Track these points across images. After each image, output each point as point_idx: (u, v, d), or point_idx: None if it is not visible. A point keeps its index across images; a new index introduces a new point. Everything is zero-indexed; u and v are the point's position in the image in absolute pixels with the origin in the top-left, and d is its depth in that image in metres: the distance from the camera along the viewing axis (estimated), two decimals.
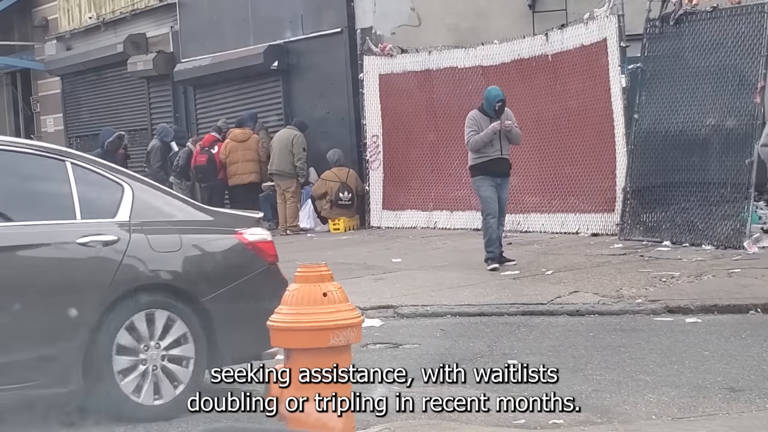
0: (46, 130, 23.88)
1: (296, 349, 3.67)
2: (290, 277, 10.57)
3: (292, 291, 3.77)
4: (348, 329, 3.72)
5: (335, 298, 3.76)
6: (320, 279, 3.82)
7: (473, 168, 10.33)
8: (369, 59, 15.06)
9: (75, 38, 22.16)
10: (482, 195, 10.28)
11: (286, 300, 3.77)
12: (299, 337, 3.67)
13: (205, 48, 18.35)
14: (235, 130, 15.91)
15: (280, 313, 3.75)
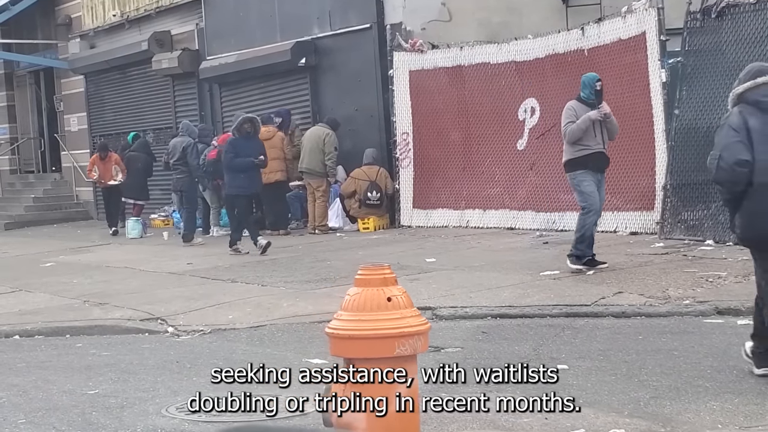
0: (70, 129, 23.74)
1: (358, 358, 3.39)
2: (323, 278, 10.40)
3: (352, 296, 3.49)
4: (414, 337, 3.45)
5: (400, 303, 3.47)
6: (383, 282, 3.53)
7: (573, 162, 9.51)
8: (399, 55, 14.80)
9: (99, 36, 22.00)
10: (585, 190, 9.47)
11: (346, 305, 3.49)
12: (362, 346, 3.39)
13: (231, 45, 18.14)
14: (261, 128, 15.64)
15: (340, 319, 3.48)
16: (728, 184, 5.79)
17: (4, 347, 8.65)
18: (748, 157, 5.65)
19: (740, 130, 5.70)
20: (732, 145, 5.70)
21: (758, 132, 5.69)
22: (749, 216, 5.74)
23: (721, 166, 5.73)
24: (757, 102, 5.76)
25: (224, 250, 13.96)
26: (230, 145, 13.35)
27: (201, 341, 8.33)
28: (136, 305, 9.90)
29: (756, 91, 5.78)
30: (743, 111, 5.77)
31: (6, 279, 12.74)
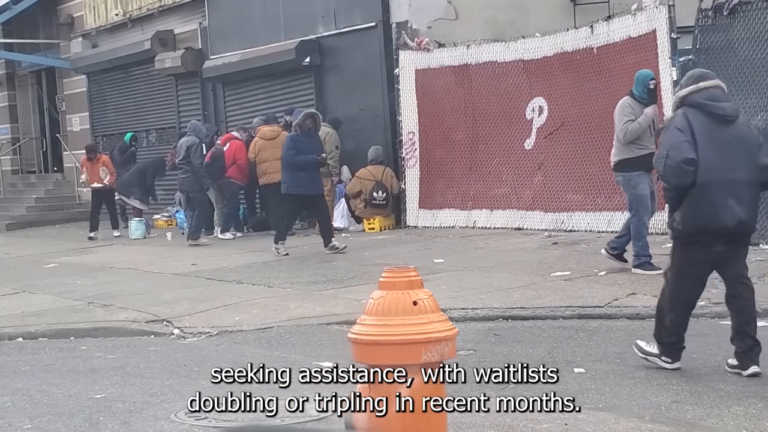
0: (72, 129, 23.61)
1: (383, 365, 3.22)
2: (330, 279, 10.26)
3: (377, 299, 3.33)
4: (442, 343, 3.29)
5: (426, 307, 3.32)
6: (409, 285, 3.37)
7: (629, 163, 9.07)
8: (405, 54, 14.67)
9: (101, 36, 21.87)
10: (641, 193, 9.10)
11: (370, 309, 3.34)
12: (387, 352, 3.22)
13: (235, 44, 18.01)
14: (264, 128, 15.52)
15: (364, 324, 3.33)
16: (674, 181, 6.02)
17: (8, 350, 8.52)
18: (693, 156, 5.92)
19: (685, 131, 5.96)
20: (679, 144, 5.95)
21: (701, 133, 5.97)
22: (691, 211, 6.00)
23: (668, 164, 5.99)
24: (699, 105, 6.04)
25: (229, 251, 13.84)
26: (292, 142, 12.52)
27: (208, 343, 8.20)
28: (141, 307, 9.76)
29: (698, 95, 6.06)
30: (687, 113, 6.04)
31: (9, 280, 12.61)
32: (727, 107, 6.13)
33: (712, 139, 5.99)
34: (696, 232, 6.03)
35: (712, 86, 6.14)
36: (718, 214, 5.96)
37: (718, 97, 6.12)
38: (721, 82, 6.28)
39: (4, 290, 11.74)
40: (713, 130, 6.01)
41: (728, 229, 6.00)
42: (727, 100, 6.24)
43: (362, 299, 9.31)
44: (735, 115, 6.15)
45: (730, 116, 6.10)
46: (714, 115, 6.04)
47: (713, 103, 6.05)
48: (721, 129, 6.04)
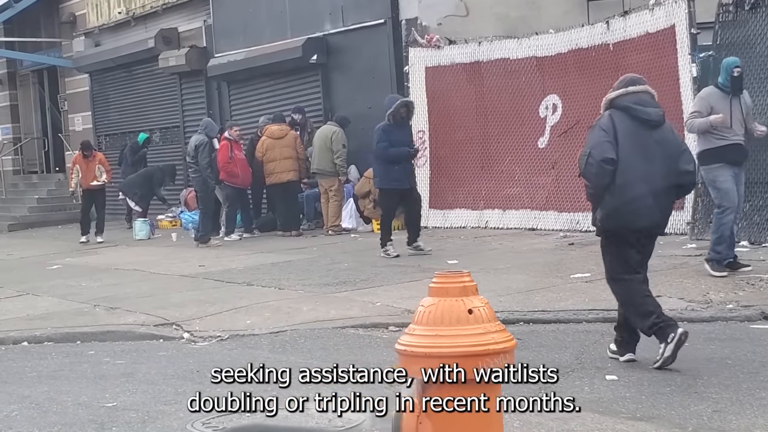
0: (74, 129, 23.37)
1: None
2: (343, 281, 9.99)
3: (427, 307, 3.05)
4: (501, 356, 3.03)
5: (482, 315, 3.05)
6: (463, 292, 3.10)
7: (707, 154, 8.76)
8: (415, 51, 14.41)
9: (104, 34, 21.63)
10: (721, 187, 8.80)
11: (420, 318, 3.06)
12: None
13: (240, 42, 17.77)
14: (272, 127, 15.26)
15: (413, 334, 3.05)
16: (594, 179, 6.26)
17: (13, 354, 8.25)
18: (613, 156, 6.14)
19: (609, 132, 6.19)
20: (601, 144, 6.18)
21: (624, 135, 6.19)
22: (611, 209, 6.25)
23: (589, 162, 6.21)
24: (626, 108, 6.25)
25: (236, 252, 13.59)
26: (383, 133, 11.44)
27: (220, 348, 7.93)
28: (148, 310, 9.50)
29: (626, 98, 6.27)
30: (613, 115, 6.26)
31: (12, 282, 12.35)
32: (652, 112, 6.29)
33: (635, 141, 6.19)
34: (615, 230, 6.31)
35: (641, 91, 6.32)
36: (636, 213, 6.19)
37: (645, 102, 6.29)
38: (650, 88, 6.42)
39: (8, 292, 11.48)
40: (637, 132, 6.21)
41: (645, 228, 6.31)
42: (655, 106, 6.36)
43: (377, 302, 9.11)
44: (659, 120, 6.33)
45: (654, 121, 6.28)
46: (639, 119, 6.24)
47: (639, 107, 6.24)
48: (645, 132, 6.24)
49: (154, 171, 17.92)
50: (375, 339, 7.79)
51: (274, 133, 15.13)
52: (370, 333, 8.06)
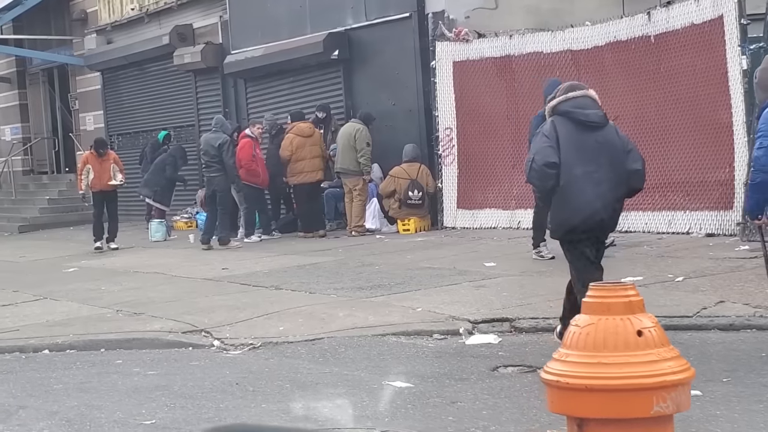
0: (86, 128, 22.88)
1: (597, 419, 2.39)
2: (376, 285, 9.52)
3: (583, 327, 2.48)
4: (678, 388, 2.48)
5: (653, 338, 2.51)
6: (628, 308, 2.51)
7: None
8: (442, 45, 13.91)
9: (116, 31, 21.14)
10: None
11: (575, 341, 2.49)
12: (605, 402, 2.33)
13: (258, 38, 17.27)
14: (300, 125, 14.72)
15: (566, 361, 2.49)
16: (538, 183, 6.57)
17: (35, 364, 7.77)
18: (555, 160, 6.37)
19: (551, 137, 6.41)
20: (543, 149, 6.41)
21: (566, 139, 6.41)
22: (558, 212, 6.56)
23: (533, 167, 6.46)
24: (566, 112, 6.48)
25: (259, 254, 13.10)
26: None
27: (255, 358, 7.44)
28: (175, 315, 9.02)
29: (566, 104, 6.51)
30: (555, 121, 6.50)
31: (28, 285, 11.89)
32: (592, 114, 6.48)
33: (577, 144, 6.40)
34: (565, 231, 6.60)
35: (580, 96, 6.54)
36: (582, 213, 6.42)
37: (585, 105, 6.50)
38: (592, 92, 6.63)
39: (25, 297, 11.02)
40: (579, 135, 6.42)
41: (591, 227, 6.52)
42: (595, 108, 6.53)
43: (417, 307, 8.62)
44: (600, 121, 6.50)
45: (594, 122, 6.46)
46: (579, 122, 6.44)
47: (578, 110, 6.45)
48: (587, 134, 6.44)
49: (164, 158, 17.33)
50: (421, 348, 7.31)
51: (303, 130, 14.62)
52: (413, 341, 7.57)
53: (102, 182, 15.02)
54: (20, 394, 6.53)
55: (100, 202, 15.34)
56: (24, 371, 7.50)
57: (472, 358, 6.79)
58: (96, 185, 15.05)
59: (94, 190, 15.18)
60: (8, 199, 24.11)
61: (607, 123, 6.58)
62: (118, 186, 15.26)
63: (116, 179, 15.12)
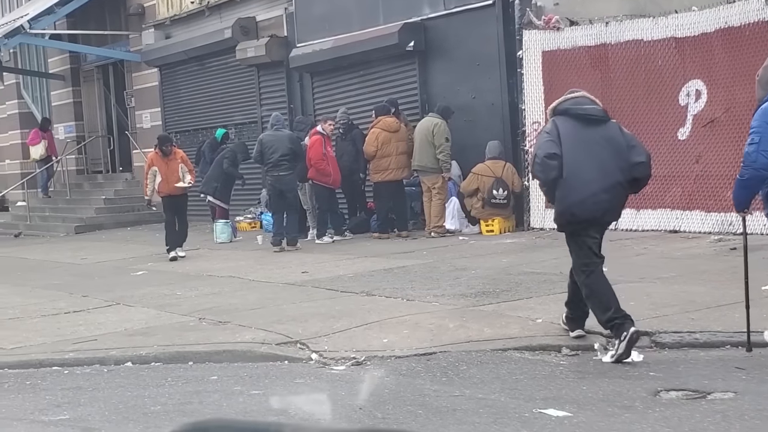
0: (142, 126, 22.31)
1: None
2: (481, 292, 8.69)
3: None
4: None
5: None
6: None
7: None
8: (529, 34, 13.07)
9: (175, 25, 20.51)
10: None
11: None
12: None
13: (325, 30, 16.53)
14: (387, 119, 13.93)
15: None
16: (541, 176, 6.76)
17: (122, 379, 7.05)
18: (556, 151, 6.58)
19: (552, 133, 6.71)
20: (544, 143, 6.71)
21: (567, 134, 6.64)
22: (559, 203, 6.72)
23: (536, 161, 6.74)
24: (565, 110, 6.78)
25: (337, 257, 12.35)
26: None
27: (364, 374, 6.66)
28: (264, 325, 8.27)
29: (565, 103, 6.82)
30: (556, 120, 6.79)
31: (98, 290, 11.23)
32: (589, 108, 6.76)
33: (579, 138, 6.61)
34: (569, 222, 6.78)
35: (578, 96, 6.89)
36: (585, 204, 6.58)
37: (583, 102, 6.81)
38: (587, 93, 6.97)
39: (96, 302, 10.34)
40: (580, 130, 6.64)
41: (594, 217, 6.68)
42: (593, 104, 6.82)
43: (537, 318, 7.78)
44: (600, 115, 6.75)
45: (593, 116, 6.71)
46: (579, 117, 6.69)
47: (577, 106, 6.74)
48: (588, 129, 6.66)
49: (223, 155, 16.61)
50: (555, 366, 6.48)
51: (390, 125, 13.84)
52: (541, 357, 6.76)
53: (170, 185, 13.37)
54: (115, 417, 5.80)
55: (171, 207, 13.72)
56: (111, 388, 6.77)
57: (623, 380, 5.95)
58: (163, 189, 13.45)
59: (163, 194, 13.60)
60: (63, 199, 23.61)
61: (608, 119, 6.81)
62: (186, 188, 13.65)
63: (185, 181, 13.49)
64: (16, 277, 13.41)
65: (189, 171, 13.70)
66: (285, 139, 13.70)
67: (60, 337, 8.54)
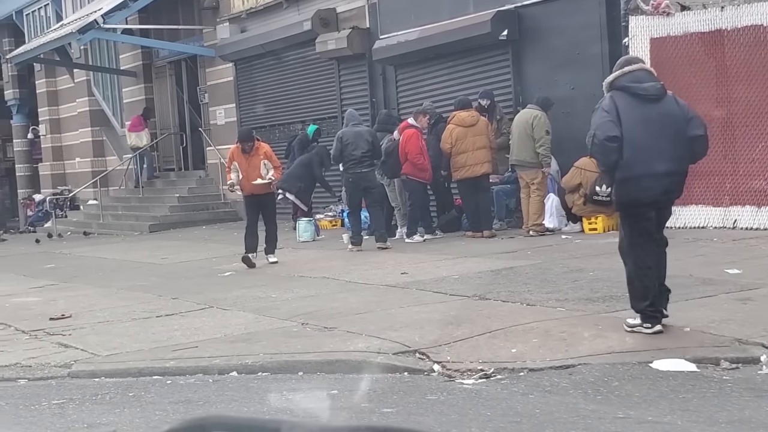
0: (216, 123, 21.87)
1: None
2: (607, 296, 7.98)
3: None
4: None
5: None
6: None
7: None
8: (636, 20, 12.29)
9: (251, 19, 20.01)
10: None
11: None
12: None
13: (410, 21, 15.89)
14: (461, 113, 13.29)
15: None
16: (601, 158, 6.73)
17: (232, 392, 6.46)
18: (617, 133, 6.49)
19: (611, 112, 6.54)
20: (604, 124, 6.55)
21: (625, 113, 6.53)
22: (620, 184, 6.70)
23: (594, 142, 6.61)
24: (624, 87, 6.62)
25: (434, 257, 11.71)
26: None
27: (503, 391, 5.98)
28: (375, 331, 7.63)
29: (623, 79, 6.65)
30: (613, 96, 6.63)
31: (186, 292, 10.71)
32: (649, 87, 6.61)
33: (638, 117, 6.52)
34: (630, 204, 6.73)
35: (637, 69, 6.70)
36: (646, 185, 6.54)
37: (642, 78, 6.65)
38: (646, 65, 6.97)
39: (187, 305, 9.81)
40: (638, 108, 6.54)
41: (656, 198, 6.64)
42: (652, 81, 6.66)
43: (683, 326, 7.06)
44: (658, 93, 6.62)
45: (652, 95, 6.59)
46: (637, 95, 6.58)
47: (635, 84, 6.60)
48: (646, 107, 6.57)
49: (311, 156, 16.09)
50: (720, 382, 5.75)
51: (465, 120, 13.18)
52: (700, 371, 6.02)
53: (250, 183, 12.17)
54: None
55: (253, 207, 12.38)
56: (223, 402, 6.20)
57: None
58: (245, 187, 12.26)
59: (245, 193, 12.42)
60: (135, 197, 23.32)
61: (666, 94, 6.67)
62: (265, 185, 12.17)
63: (266, 178, 12.12)
64: (98, 278, 12.99)
65: (274, 167, 12.27)
66: (365, 134, 13.18)
67: (156, 344, 8.01)
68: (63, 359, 7.70)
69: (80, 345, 8.15)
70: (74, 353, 7.87)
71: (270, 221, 12.47)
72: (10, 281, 13.60)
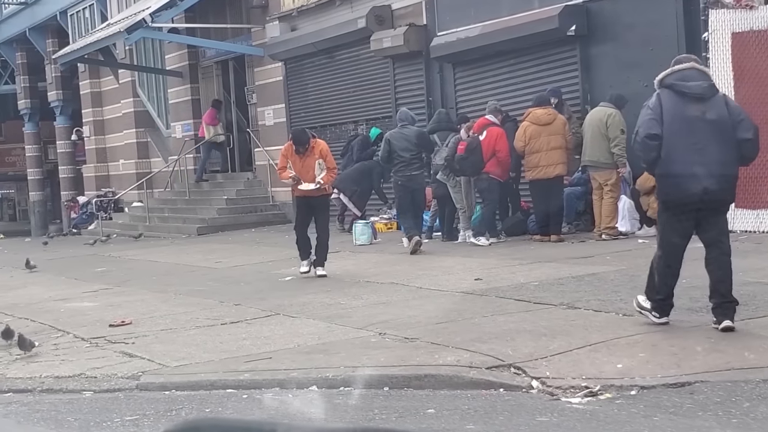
0: (264, 123, 21.45)
1: None
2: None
3: None
4: None
5: None
6: None
7: None
8: (717, 14, 11.67)
9: (302, 17, 19.56)
10: None
11: None
12: None
13: (470, 17, 15.36)
14: (537, 111, 12.74)
15: None
16: (642, 154, 6.76)
17: (316, 409, 5.95)
18: (657, 131, 6.52)
19: (655, 110, 6.57)
20: (647, 122, 6.61)
21: (669, 111, 6.53)
22: (662, 181, 6.70)
23: (636, 140, 6.72)
24: (671, 85, 6.61)
25: (507, 262, 11.16)
26: None
27: (619, 412, 5.43)
28: (462, 343, 7.10)
29: (671, 77, 6.65)
30: (660, 94, 6.63)
31: (249, 298, 10.23)
32: (694, 86, 6.55)
33: (681, 116, 6.49)
34: (669, 200, 6.67)
35: (687, 68, 6.66)
36: (683, 183, 6.50)
37: (689, 77, 6.60)
38: (698, 63, 6.75)
39: (252, 312, 9.34)
40: (683, 107, 6.50)
41: (695, 197, 6.51)
42: (700, 80, 6.59)
43: None
44: (704, 93, 6.56)
45: (697, 94, 6.54)
46: (683, 94, 6.55)
47: (681, 82, 6.57)
48: (691, 106, 6.52)
49: (374, 165, 15.63)
50: None
51: (540, 118, 12.62)
52: None
53: (304, 181, 11.17)
54: None
55: (305, 211, 11.43)
56: (307, 419, 5.69)
57: None
58: (297, 190, 11.40)
59: (297, 194, 11.49)
60: (182, 200, 22.95)
61: (715, 94, 6.65)
62: (315, 189, 11.12)
63: (318, 180, 11.07)
64: (153, 283, 12.57)
65: (329, 168, 11.23)
66: (413, 136, 12.77)
67: (227, 354, 7.53)
68: (129, 370, 7.26)
69: (146, 354, 7.70)
70: (141, 363, 7.42)
71: (322, 228, 11.40)
72: (62, 285, 13.24)
